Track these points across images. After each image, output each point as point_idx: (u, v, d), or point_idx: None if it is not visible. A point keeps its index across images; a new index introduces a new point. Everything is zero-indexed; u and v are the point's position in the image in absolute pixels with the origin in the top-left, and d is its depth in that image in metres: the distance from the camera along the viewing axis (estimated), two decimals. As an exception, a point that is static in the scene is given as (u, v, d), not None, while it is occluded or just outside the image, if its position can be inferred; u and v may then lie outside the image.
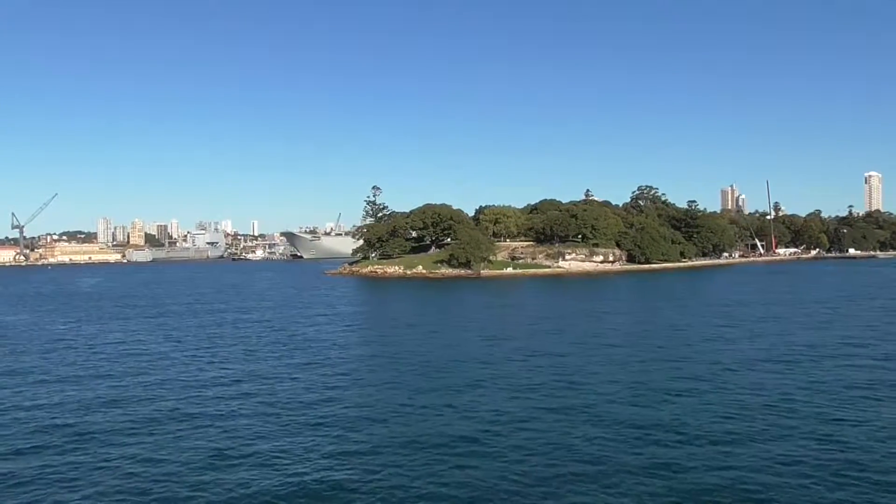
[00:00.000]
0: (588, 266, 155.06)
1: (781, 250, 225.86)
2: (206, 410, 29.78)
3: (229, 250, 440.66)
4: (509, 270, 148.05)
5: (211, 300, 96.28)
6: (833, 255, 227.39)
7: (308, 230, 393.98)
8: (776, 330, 52.87)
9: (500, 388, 33.17)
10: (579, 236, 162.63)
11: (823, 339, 47.05)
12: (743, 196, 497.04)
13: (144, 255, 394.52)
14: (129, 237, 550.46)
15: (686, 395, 31.23)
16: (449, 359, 41.95)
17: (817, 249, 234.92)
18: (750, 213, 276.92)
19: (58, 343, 52.64)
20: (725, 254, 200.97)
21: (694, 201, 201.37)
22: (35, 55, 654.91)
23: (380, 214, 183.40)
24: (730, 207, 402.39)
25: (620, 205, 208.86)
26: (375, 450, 24.03)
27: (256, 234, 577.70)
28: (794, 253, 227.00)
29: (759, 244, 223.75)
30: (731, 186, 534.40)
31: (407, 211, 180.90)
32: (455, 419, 27.60)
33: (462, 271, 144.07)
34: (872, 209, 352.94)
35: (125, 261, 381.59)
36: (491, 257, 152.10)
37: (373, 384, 35.04)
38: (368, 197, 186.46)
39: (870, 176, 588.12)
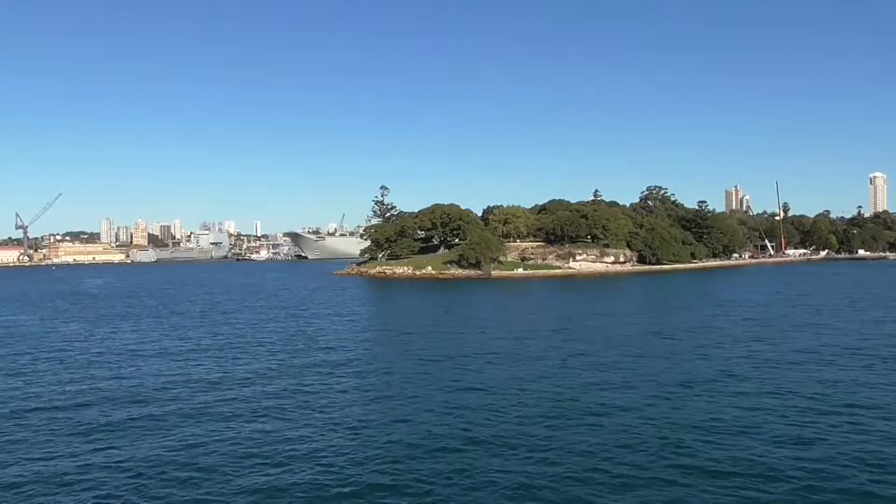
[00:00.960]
0: (599, 267, 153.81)
1: (791, 251, 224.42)
2: (237, 410, 28.73)
3: (233, 251, 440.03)
4: (520, 271, 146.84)
5: (226, 301, 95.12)
6: (843, 256, 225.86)
7: (311, 231, 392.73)
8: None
9: (544, 392, 32.01)
10: (589, 237, 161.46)
11: None
12: (748, 197, 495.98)
13: (148, 256, 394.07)
14: (132, 237, 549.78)
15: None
16: (484, 361, 40.83)
17: (826, 251, 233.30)
18: (757, 214, 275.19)
19: (81, 346, 51.53)
20: (735, 255, 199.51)
21: (704, 202, 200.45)
22: (37, 56, 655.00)
23: (388, 214, 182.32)
24: (734, 208, 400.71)
25: (628, 205, 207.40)
26: (417, 450, 23.82)
27: (259, 234, 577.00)
28: (804, 254, 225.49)
29: (768, 245, 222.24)
30: (735, 187, 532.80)
31: (411, 211, 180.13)
32: (502, 420, 26.52)
33: (472, 272, 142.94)
34: (877, 210, 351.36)
35: (129, 261, 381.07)
36: (501, 258, 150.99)
37: (414, 386, 33.89)
38: (376, 197, 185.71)
39: (875, 177, 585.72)
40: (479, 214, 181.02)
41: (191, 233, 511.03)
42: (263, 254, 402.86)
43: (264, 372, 38.90)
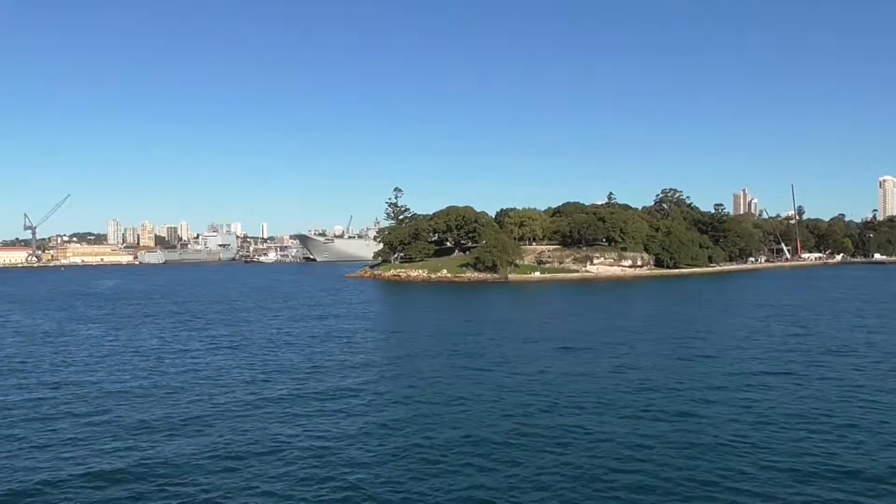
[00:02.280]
0: (617, 270, 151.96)
1: (806, 255, 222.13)
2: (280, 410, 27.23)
3: (241, 253, 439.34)
4: (537, 275, 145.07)
5: (245, 303, 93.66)
6: (859, 260, 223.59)
7: (318, 233, 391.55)
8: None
9: (597, 405, 30.29)
10: (605, 240, 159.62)
11: None
12: (755, 200, 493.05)
13: (157, 257, 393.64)
14: (138, 239, 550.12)
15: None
16: (534, 370, 39.12)
17: (841, 254, 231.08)
18: (771, 217, 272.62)
19: (103, 350, 50.00)
20: (752, 258, 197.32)
21: (720, 205, 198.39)
22: (45, 57, 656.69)
23: (401, 217, 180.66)
24: (742, 212, 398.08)
25: (640, 208, 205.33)
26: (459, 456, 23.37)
27: (266, 236, 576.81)
28: (819, 258, 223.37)
29: (785, 249, 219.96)
30: (744, 190, 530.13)
31: (425, 214, 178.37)
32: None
33: (488, 275, 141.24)
34: (887, 214, 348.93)
35: (137, 262, 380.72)
36: (517, 261, 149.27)
37: (463, 397, 32.22)
38: (390, 199, 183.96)
39: (884, 180, 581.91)
40: (492, 217, 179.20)
41: (198, 234, 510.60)
42: (272, 256, 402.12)
43: (308, 372, 37.75)
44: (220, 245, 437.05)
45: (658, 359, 42.87)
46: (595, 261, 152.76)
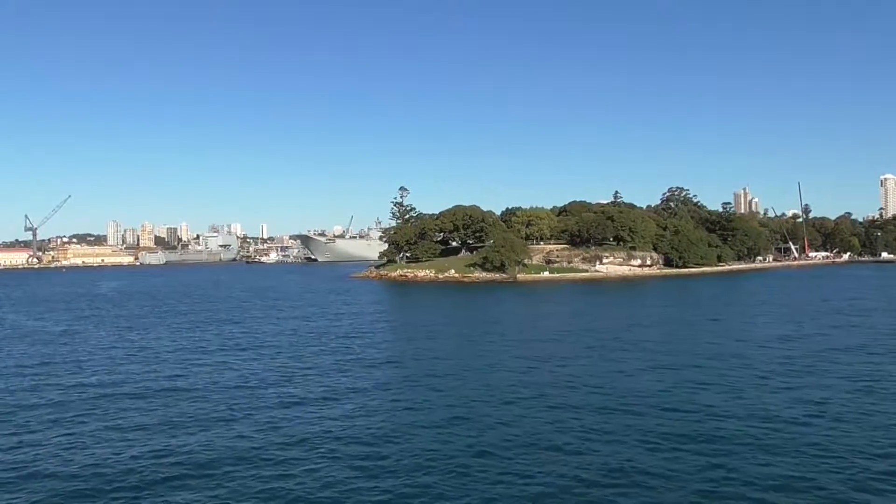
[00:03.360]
0: (626, 270, 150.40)
1: (814, 254, 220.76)
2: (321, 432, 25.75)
3: (241, 253, 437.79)
4: (546, 275, 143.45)
5: (257, 303, 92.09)
6: (867, 258, 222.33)
7: (318, 233, 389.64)
8: None
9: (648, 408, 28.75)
10: (614, 239, 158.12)
11: None
12: (757, 199, 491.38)
13: (157, 258, 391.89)
14: (138, 240, 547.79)
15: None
16: (581, 373, 37.64)
17: (848, 253, 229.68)
18: (777, 216, 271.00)
19: (124, 353, 48.45)
20: (760, 257, 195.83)
21: (728, 203, 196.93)
22: (45, 57, 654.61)
23: (407, 216, 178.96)
24: (742, 210, 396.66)
25: (644, 206, 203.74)
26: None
27: (265, 236, 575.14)
28: (827, 257, 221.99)
29: (792, 248, 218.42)
30: (745, 189, 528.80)
31: (427, 213, 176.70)
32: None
33: (496, 275, 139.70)
34: (889, 212, 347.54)
35: (138, 263, 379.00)
36: (525, 260, 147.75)
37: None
38: (395, 198, 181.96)
39: (886, 178, 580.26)
40: (498, 216, 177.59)
41: (197, 235, 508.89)
42: (273, 256, 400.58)
43: (325, 371, 36.97)
44: (221, 246, 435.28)
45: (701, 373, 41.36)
46: (604, 260, 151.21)
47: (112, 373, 40.22)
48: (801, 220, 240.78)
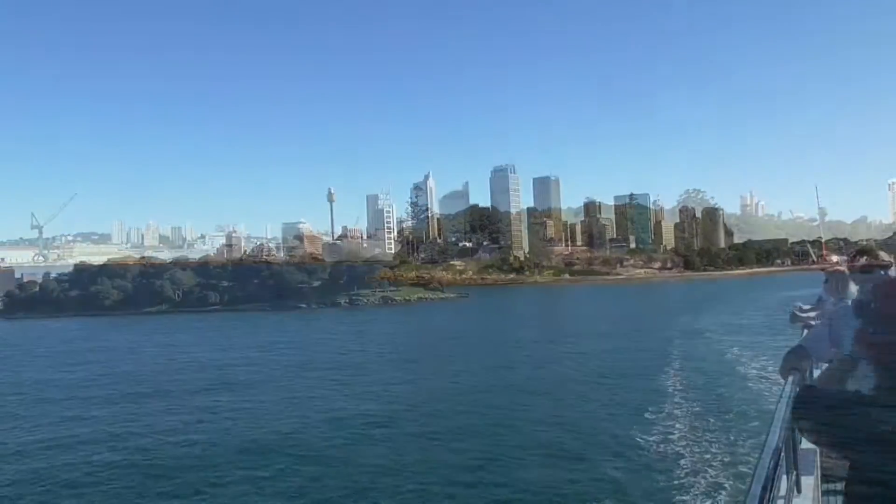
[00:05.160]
0: (647, 273, 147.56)
1: (835, 258, 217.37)
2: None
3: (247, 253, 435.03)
4: (567, 277, 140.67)
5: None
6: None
7: (323, 234, 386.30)
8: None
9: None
10: (633, 241, 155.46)
11: None
12: (762, 203, 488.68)
13: (164, 257, 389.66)
14: (143, 238, 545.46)
15: None
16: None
17: (865, 257, 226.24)
18: (792, 220, 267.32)
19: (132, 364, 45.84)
20: (778, 261, 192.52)
21: (747, 205, 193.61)
22: (47, 57, 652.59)
23: (422, 216, 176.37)
24: (752, 214, 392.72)
25: (659, 208, 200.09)
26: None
27: (270, 236, 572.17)
28: (846, 261, 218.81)
29: (811, 251, 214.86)
30: (750, 192, 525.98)
31: (447, 213, 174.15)
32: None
33: (515, 277, 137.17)
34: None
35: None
36: (544, 262, 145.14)
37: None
38: (410, 198, 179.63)
39: (893, 183, 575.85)
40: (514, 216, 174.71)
41: (202, 234, 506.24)
42: (280, 255, 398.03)
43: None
44: (226, 245, 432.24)
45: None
46: (625, 262, 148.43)
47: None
48: (816, 223, 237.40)
